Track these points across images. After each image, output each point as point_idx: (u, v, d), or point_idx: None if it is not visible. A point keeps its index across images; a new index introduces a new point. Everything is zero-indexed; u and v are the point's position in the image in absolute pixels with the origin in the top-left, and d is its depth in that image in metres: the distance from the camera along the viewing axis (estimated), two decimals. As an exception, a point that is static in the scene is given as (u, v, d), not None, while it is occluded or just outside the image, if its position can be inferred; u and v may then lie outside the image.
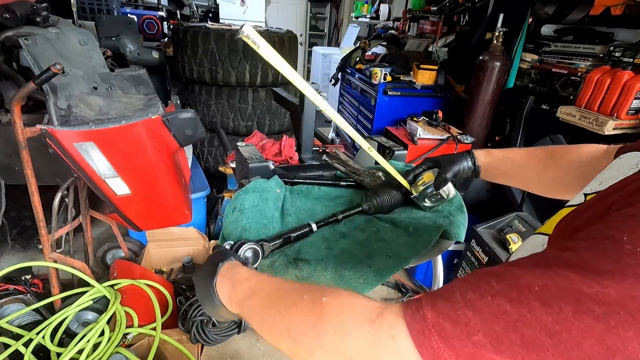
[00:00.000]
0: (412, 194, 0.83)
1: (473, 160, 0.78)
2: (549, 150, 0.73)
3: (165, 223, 1.83)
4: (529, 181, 0.77)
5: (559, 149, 0.72)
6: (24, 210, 2.29)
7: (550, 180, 0.72)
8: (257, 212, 0.77)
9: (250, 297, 0.51)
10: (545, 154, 0.73)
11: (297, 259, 0.72)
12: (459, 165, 0.78)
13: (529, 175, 0.75)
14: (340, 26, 7.26)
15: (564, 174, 0.69)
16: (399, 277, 2.41)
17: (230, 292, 0.53)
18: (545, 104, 2.11)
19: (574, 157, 0.68)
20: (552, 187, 0.73)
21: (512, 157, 0.76)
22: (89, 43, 1.64)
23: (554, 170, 0.71)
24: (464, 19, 3.22)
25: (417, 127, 2.34)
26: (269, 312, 0.47)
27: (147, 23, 3.91)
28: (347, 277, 0.68)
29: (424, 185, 0.81)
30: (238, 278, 0.54)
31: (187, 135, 1.45)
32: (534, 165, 0.73)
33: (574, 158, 0.68)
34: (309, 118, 1.48)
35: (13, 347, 1.43)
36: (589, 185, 0.52)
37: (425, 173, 0.82)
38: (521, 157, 0.75)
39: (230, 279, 0.54)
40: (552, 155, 0.72)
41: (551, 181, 0.72)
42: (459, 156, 0.79)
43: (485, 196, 2.19)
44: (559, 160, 0.70)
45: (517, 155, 0.76)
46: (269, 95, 2.93)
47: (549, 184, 0.73)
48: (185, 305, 1.74)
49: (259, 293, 0.50)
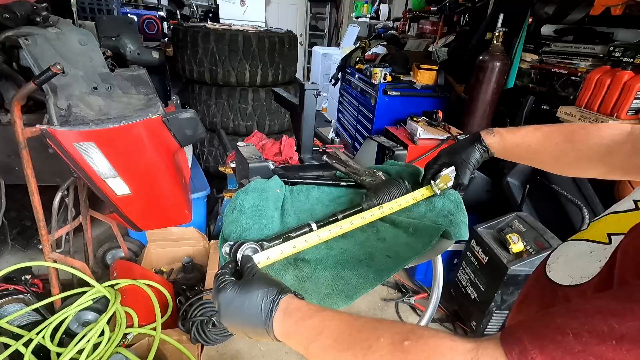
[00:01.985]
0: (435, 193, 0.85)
1: (485, 149, 0.78)
2: (568, 134, 0.70)
3: (165, 223, 1.83)
4: (545, 164, 0.76)
5: (578, 132, 0.69)
6: (24, 210, 2.29)
7: (568, 165, 0.71)
8: (257, 212, 0.77)
9: (316, 338, 0.46)
10: (563, 138, 0.70)
11: (297, 259, 0.72)
12: (473, 163, 0.78)
13: (546, 160, 0.74)
14: (340, 26, 7.26)
15: (582, 158, 0.67)
16: (399, 277, 2.41)
17: (291, 330, 0.48)
18: (545, 104, 2.11)
19: (595, 141, 0.65)
20: (569, 169, 0.72)
21: (528, 143, 0.74)
22: (89, 43, 1.64)
23: (572, 155, 0.69)
24: (464, 19, 3.22)
25: (417, 127, 2.34)
26: (342, 357, 0.43)
27: (147, 23, 3.91)
28: (347, 277, 0.68)
29: (445, 188, 0.83)
30: (299, 315, 0.49)
31: (187, 135, 1.45)
32: (551, 149, 0.71)
33: (594, 142, 0.66)
34: (309, 118, 1.48)
35: (13, 347, 1.43)
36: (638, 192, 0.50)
37: (443, 174, 0.82)
38: (537, 141, 0.72)
39: (289, 314, 0.49)
40: (570, 139, 0.69)
41: (569, 165, 0.71)
42: (471, 151, 0.78)
43: (485, 196, 2.19)
44: (577, 144, 0.68)
45: (533, 139, 0.73)
46: (269, 95, 2.93)
47: (566, 167, 0.72)
48: (185, 305, 1.74)
49: (326, 333, 0.46)
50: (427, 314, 0.94)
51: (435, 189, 0.83)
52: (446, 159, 0.83)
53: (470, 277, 1.99)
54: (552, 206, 1.94)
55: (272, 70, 2.87)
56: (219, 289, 0.54)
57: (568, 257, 0.54)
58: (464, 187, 0.80)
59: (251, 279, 0.54)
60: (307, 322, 0.48)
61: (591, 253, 0.48)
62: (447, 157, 0.83)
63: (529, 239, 1.81)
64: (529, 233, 1.84)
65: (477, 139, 0.78)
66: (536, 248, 1.75)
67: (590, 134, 0.67)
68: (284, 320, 0.49)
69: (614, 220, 0.50)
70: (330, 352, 0.45)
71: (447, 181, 0.81)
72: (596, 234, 0.50)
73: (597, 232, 0.50)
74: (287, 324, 0.49)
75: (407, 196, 0.85)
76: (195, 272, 2.12)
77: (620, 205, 0.52)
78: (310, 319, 0.48)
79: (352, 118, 3.35)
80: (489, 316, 1.85)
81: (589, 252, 0.48)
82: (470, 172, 0.79)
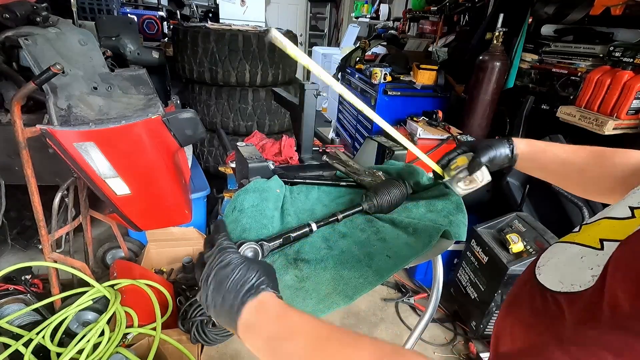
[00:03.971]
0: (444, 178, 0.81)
1: (512, 147, 0.74)
2: (595, 150, 0.69)
3: (165, 223, 1.83)
4: (567, 178, 0.73)
5: (607, 150, 0.68)
6: (24, 210, 2.29)
7: (590, 180, 0.69)
8: (257, 212, 0.77)
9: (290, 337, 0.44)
10: (590, 152, 0.69)
11: (297, 259, 0.72)
12: (496, 151, 0.74)
13: (569, 172, 0.71)
14: (340, 26, 7.26)
15: (606, 176, 0.66)
16: (399, 277, 2.41)
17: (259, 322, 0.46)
18: (545, 104, 2.11)
19: (621, 161, 0.65)
20: (591, 187, 0.70)
21: (555, 151, 0.72)
22: (89, 43, 1.64)
23: (596, 170, 0.67)
24: (464, 19, 3.22)
25: (417, 127, 2.34)
26: None
27: (147, 23, 3.91)
28: (347, 277, 0.68)
29: (457, 170, 0.78)
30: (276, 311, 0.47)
31: (187, 135, 1.45)
32: (578, 162, 0.69)
33: (620, 161, 0.65)
34: (309, 118, 1.48)
35: (13, 347, 1.43)
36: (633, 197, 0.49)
37: (460, 157, 0.79)
38: (565, 151, 0.71)
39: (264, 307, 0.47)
40: (598, 155, 0.68)
41: (591, 181, 0.69)
42: (497, 142, 0.75)
43: (485, 196, 2.19)
44: (604, 160, 0.67)
45: (560, 149, 0.72)
46: (269, 95, 2.93)
47: (588, 183, 0.70)
48: (185, 305, 1.74)
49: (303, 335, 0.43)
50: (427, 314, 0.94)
51: (446, 174, 0.80)
52: (466, 147, 0.80)
53: (470, 277, 1.99)
54: (552, 206, 1.94)
55: (272, 70, 2.87)
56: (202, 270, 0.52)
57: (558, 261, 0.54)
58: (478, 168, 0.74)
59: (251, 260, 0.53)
60: (283, 319, 0.45)
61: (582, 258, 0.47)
62: (468, 145, 0.80)
63: (529, 239, 1.81)
64: (529, 233, 1.84)
65: (505, 137, 0.76)
66: (536, 248, 1.75)
67: (618, 153, 0.66)
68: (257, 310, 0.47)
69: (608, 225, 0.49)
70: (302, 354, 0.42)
71: (463, 162, 0.77)
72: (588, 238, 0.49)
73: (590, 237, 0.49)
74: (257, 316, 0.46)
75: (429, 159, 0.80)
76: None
77: (614, 210, 0.50)
78: (287, 317, 0.46)
79: (352, 118, 3.35)
80: (489, 316, 1.85)
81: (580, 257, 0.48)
82: (490, 157, 0.74)
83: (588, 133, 1.74)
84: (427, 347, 1.98)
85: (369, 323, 2.12)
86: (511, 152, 0.75)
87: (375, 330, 2.08)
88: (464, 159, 0.78)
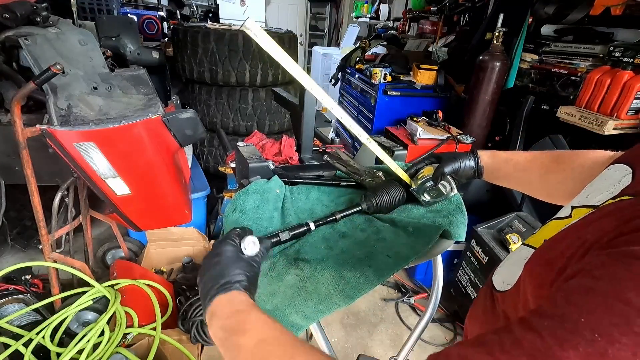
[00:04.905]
0: (412, 187, 0.84)
1: (476, 160, 0.78)
2: (555, 156, 0.71)
3: (165, 223, 1.83)
4: (530, 185, 0.76)
5: (565, 154, 0.70)
6: (24, 210, 2.30)
7: (552, 185, 0.71)
8: (257, 214, 0.77)
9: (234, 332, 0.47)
10: (550, 159, 0.71)
11: (297, 259, 0.72)
12: (460, 163, 0.77)
13: (531, 179, 0.74)
14: (340, 26, 7.26)
15: (566, 179, 0.68)
16: (399, 277, 2.41)
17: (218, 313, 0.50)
18: (545, 104, 2.11)
19: (579, 163, 0.66)
20: (554, 192, 0.72)
21: (516, 160, 0.75)
22: (89, 43, 1.64)
23: (556, 176, 0.69)
24: (464, 19, 3.22)
25: (417, 127, 2.34)
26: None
27: (147, 23, 3.91)
28: (348, 277, 0.68)
29: (423, 179, 0.81)
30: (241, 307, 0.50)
31: (187, 135, 1.45)
32: (537, 168, 0.72)
33: (578, 164, 0.66)
34: (309, 118, 1.48)
35: (13, 347, 1.43)
36: (577, 198, 0.51)
37: (427, 167, 0.82)
38: (525, 159, 0.74)
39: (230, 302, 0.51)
40: (557, 160, 0.70)
41: (553, 186, 0.71)
42: (462, 154, 0.78)
43: (485, 196, 2.19)
44: (562, 165, 0.69)
45: (521, 157, 0.75)
46: (269, 95, 2.93)
47: (551, 188, 0.72)
48: (185, 305, 1.74)
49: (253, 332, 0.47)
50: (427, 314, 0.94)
51: (412, 183, 0.83)
52: (434, 158, 0.83)
53: (470, 277, 1.99)
54: (552, 206, 1.94)
55: (272, 70, 2.87)
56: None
57: (509, 262, 0.56)
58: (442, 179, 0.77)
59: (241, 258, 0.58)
60: (242, 315, 0.49)
61: (525, 259, 0.48)
62: (435, 156, 0.83)
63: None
64: (529, 233, 1.84)
65: (471, 150, 0.79)
66: (536, 248, 1.75)
67: (577, 155, 0.68)
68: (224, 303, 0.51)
69: (554, 226, 0.50)
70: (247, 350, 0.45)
71: (429, 172, 0.80)
72: (537, 239, 0.51)
73: (538, 238, 0.51)
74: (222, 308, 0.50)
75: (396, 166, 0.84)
76: (195, 272, 2.12)
77: (562, 211, 0.52)
78: (245, 314, 0.49)
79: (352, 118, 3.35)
80: (489, 316, 1.85)
81: (524, 258, 0.49)
82: (453, 168, 0.77)
83: (588, 133, 1.74)
84: (427, 347, 1.98)
85: (369, 323, 2.12)
86: (476, 164, 0.78)
87: (375, 330, 2.08)
88: (430, 169, 0.80)
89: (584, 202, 0.48)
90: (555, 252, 0.41)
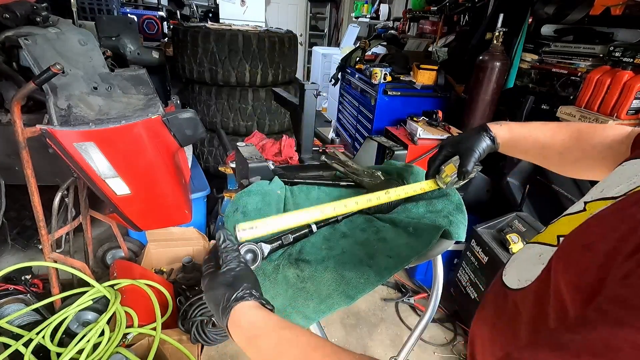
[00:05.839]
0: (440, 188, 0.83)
1: (492, 138, 0.76)
2: (574, 131, 0.70)
3: (165, 223, 1.83)
4: (549, 160, 0.75)
5: (584, 130, 0.69)
6: (24, 210, 2.29)
7: (571, 162, 0.70)
8: (260, 216, 0.77)
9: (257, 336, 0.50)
10: (569, 136, 0.70)
11: (298, 259, 0.72)
12: (479, 151, 0.75)
13: (550, 155, 0.73)
14: (340, 26, 7.25)
15: (586, 157, 0.67)
16: (399, 277, 2.41)
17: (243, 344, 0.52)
18: (545, 104, 2.11)
19: (598, 140, 0.66)
20: (572, 168, 0.72)
21: (535, 136, 0.73)
22: (89, 43, 1.64)
23: (576, 153, 0.69)
24: (464, 19, 3.22)
25: (417, 127, 2.34)
26: None
27: (147, 23, 3.91)
28: (348, 277, 0.68)
29: (450, 178, 0.79)
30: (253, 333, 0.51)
31: (187, 135, 1.45)
32: (558, 145, 0.71)
33: (598, 141, 0.66)
34: (309, 118, 1.48)
35: (13, 347, 1.43)
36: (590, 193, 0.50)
37: (448, 165, 0.80)
38: (545, 136, 0.72)
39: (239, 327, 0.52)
40: (576, 137, 0.69)
41: (572, 163, 0.70)
42: (477, 139, 0.76)
43: (485, 196, 2.19)
44: (582, 143, 0.68)
45: (540, 134, 0.73)
46: (269, 95, 2.93)
47: (569, 165, 0.72)
48: (185, 305, 1.74)
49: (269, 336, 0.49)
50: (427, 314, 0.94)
51: (439, 183, 0.81)
52: (450, 148, 0.80)
53: (470, 277, 1.99)
54: (552, 206, 1.95)
55: (272, 70, 2.87)
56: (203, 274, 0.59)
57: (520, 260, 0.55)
58: (468, 175, 0.76)
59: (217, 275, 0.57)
60: (260, 341, 0.49)
61: (540, 256, 0.48)
62: (451, 147, 0.80)
63: (529, 239, 1.81)
64: (529, 233, 1.84)
65: (483, 128, 0.76)
66: (536, 248, 1.75)
67: (596, 133, 0.67)
68: (234, 332, 0.52)
69: (565, 222, 0.50)
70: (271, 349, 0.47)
71: (451, 171, 0.78)
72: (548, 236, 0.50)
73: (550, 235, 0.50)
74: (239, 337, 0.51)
75: (414, 185, 0.83)
76: (195, 272, 2.12)
77: (573, 207, 0.51)
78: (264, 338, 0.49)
79: (352, 118, 3.35)
80: (489, 316, 1.85)
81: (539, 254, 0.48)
82: (475, 160, 0.75)
83: (588, 133, 1.74)
84: (427, 347, 1.98)
85: (369, 323, 2.12)
86: (492, 142, 0.76)
87: (375, 330, 2.08)
88: (452, 167, 0.79)
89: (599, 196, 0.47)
90: (593, 237, 0.39)
